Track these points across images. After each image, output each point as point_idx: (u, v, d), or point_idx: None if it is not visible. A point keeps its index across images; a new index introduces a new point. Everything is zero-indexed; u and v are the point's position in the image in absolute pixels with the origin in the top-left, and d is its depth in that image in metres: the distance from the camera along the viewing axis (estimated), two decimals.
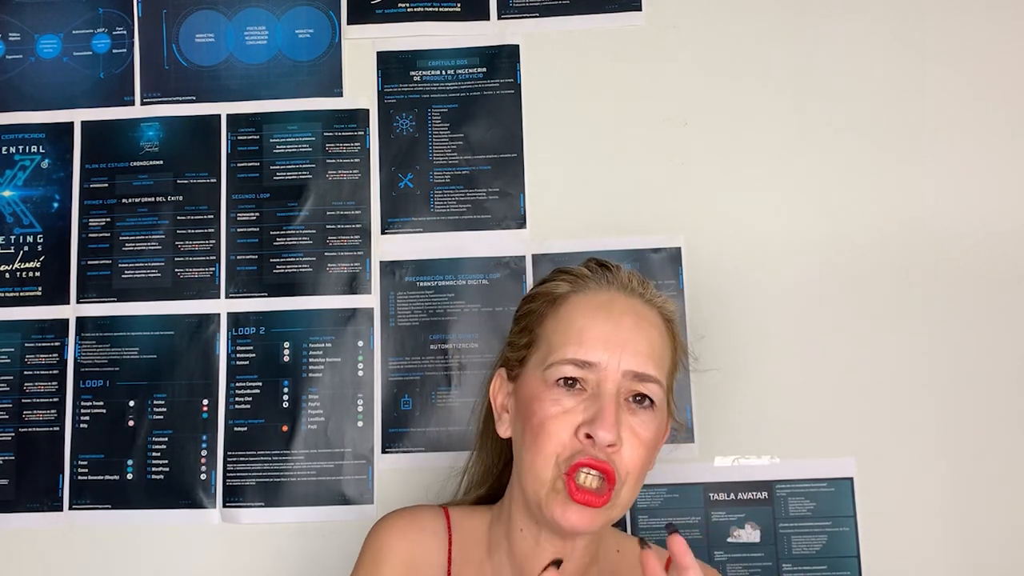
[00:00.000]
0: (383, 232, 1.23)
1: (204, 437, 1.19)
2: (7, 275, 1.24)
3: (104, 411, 1.20)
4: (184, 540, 1.17)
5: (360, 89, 1.26)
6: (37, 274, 1.24)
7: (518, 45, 1.26)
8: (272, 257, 1.23)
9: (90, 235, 1.24)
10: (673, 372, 0.87)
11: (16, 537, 1.18)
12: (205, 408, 1.20)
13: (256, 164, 1.25)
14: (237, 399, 1.20)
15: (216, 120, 1.26)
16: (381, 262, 1.22)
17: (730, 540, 1.14)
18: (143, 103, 1.26)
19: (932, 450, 1.15)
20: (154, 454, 1.19)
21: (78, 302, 1.23)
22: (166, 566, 1.16)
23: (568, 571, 0.84)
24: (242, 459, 1.18)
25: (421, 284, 1.22)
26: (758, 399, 1.16)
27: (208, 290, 1.22)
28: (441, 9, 1.27)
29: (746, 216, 1.20)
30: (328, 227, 1.23)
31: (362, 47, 1.27)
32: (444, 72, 1.26)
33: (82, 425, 1.20)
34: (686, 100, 1.23)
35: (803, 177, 1.21)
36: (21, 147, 1.26)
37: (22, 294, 1.23)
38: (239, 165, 1.25)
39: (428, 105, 1.25)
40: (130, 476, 1.18)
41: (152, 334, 1.21)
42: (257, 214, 1.24)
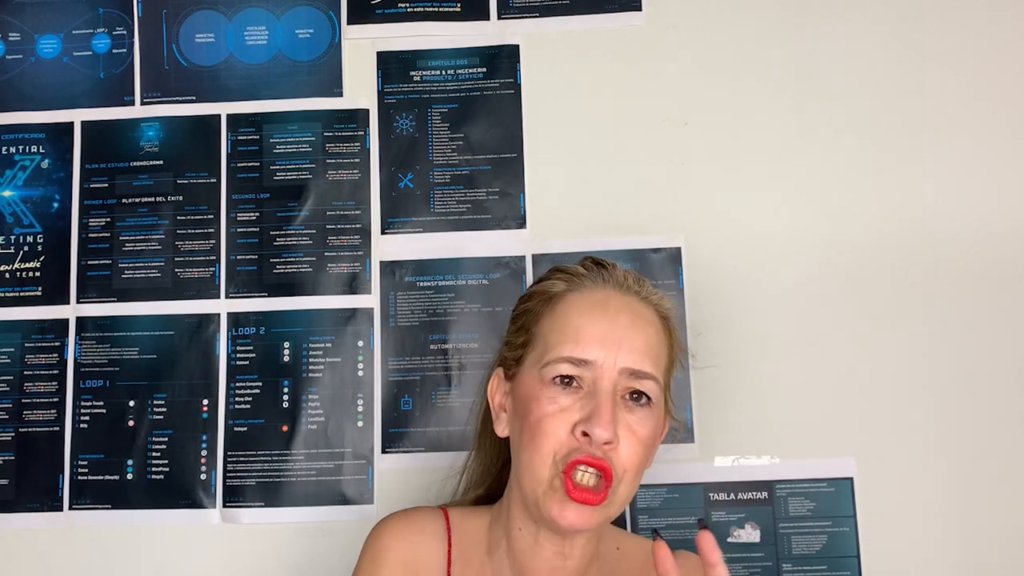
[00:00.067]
0: (383, 232, 1.23)
1: (204, 437, 1.19)
2: (7, 275, 1.24)
3: (104, 411, 1.20)
4: (184, 540, 1.17)
5: (360, 89, 1.26)
6: (37, 274, 1.24)
7: (518, 45, 1.26)
8: (272, 257, 1.23)
9: (90, 235, 1.24)
10: (670, 369, 0.87)
11: (16, 537, 1.18)
12: (205, 408, 1.20)
13: (256, 164, 1.25)
14: (237, 399, 1.20)
15: (216, 120, 1.26)
16: (381, 262, 1.22)
17: (730, 540, 1.14)
18: (143, 103, 1.26)
19: (932, 450, 1.15)
20: (154, 454, 1.19)
21: (78, 302, 1.23)
22: (166, 566, 1.16)
23: (568, 569, 0.84)
24: (242, 459, 1.18)
25: (421, 284, 1.22)
26: (758, 399, 1.16)
27: (208, 290, 1.22)
28: (441, 9, 1.27)
29: (746, 216, 1.20)
30: (328, 227, 1.23)
31: (362, 47, 1.27)
32: (444, 72, 1.26)
33: (82, 425, 1.20)
34: (686, 100, 1.23)
35: (803, 177, 1.21)
36: (21, 147, 1.26)
37: (22, 294, 1.23)
38: (239, 165, 1.25)
39: (428, 105, 1.25)
40: (130, 476, 1.18)
41: (152, 334, 1.21)
42: (257, 214, 1.24)
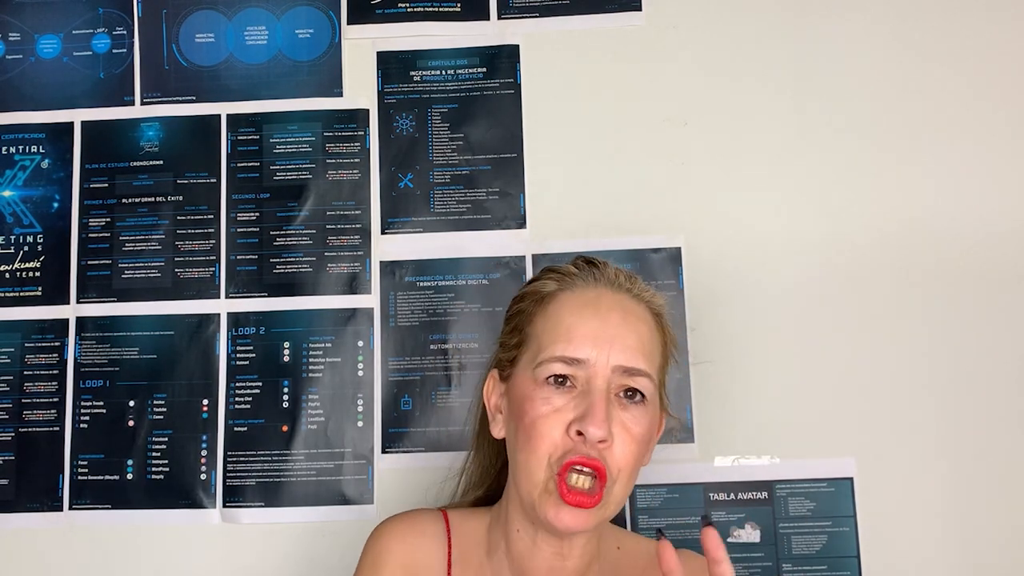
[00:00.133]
0: (383, 232, 1.23)
1: (204, 437, 1.19)
2: (7, 275, 1.24)
3: (104, 411, 1.20)
4: (184, 540, 1.17)
5: (360, 89, 1.26)
6: (37, 274, 1.24)
7: (518, 45, 1.25)
8: (272, 257, 1.23)
9: (90, 235, 1.24)
10: (664, 366, 0.86)
11: (16, 537, 1.18)
12: (205, 408, 1.20)
13: (256, 164, 1.25)
14: (237, 399, 1.20)
15: (216, 120, 1.26)
16: (381, 262, 1.22)
17: (730, 540, 1.14)
18: (143, 103, 1.26)
19: (932, 450, 1.15)
20: (154, 454, 1.19)
21: (78, 302, 1.23)
22: (166, 566, 1.16)
23: (567, 570, 0.84)
24: (242, 459, 1.18)
25: (421, 284, 1.22)
26: (758, 399, 1.16)
27: (208, 290, 1.22)
28: (441, 9, 1.27)
29: (746, 216, 1.20)
30: (328, 227, 1.23)
31: (362, 47, 1.27)
32: (444, 72, 1.26)
33: (82, 425, 1.20)
34: (686, 100, 1.23)
35: (803, 177, 1.21)
36: (21, 147, 1.26)
37: (22, 294, 1.23)
38: (239, 165, 1.25)
39: (428, 105, 1.25)
40: (130, 476, 1.18)
41: (152, 334, 1.21)
42: (257, 214, 1.24)
